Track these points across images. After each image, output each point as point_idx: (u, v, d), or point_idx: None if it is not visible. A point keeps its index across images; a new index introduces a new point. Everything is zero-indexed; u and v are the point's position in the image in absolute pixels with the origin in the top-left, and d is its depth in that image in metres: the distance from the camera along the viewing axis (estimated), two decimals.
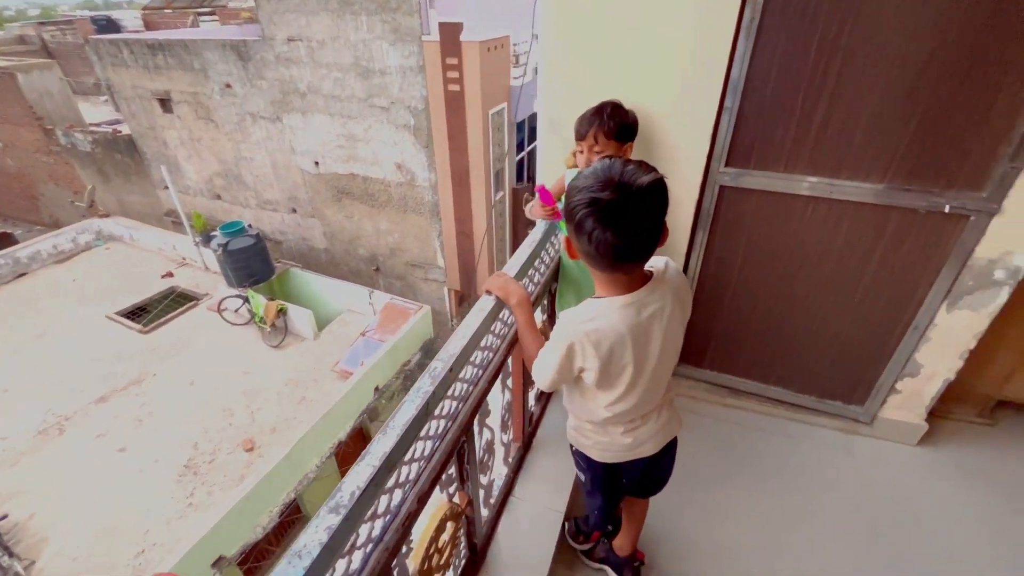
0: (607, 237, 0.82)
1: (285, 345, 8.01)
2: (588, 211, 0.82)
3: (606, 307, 0.93)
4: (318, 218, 10.29)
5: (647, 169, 0.82)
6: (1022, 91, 1.26)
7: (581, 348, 0.94)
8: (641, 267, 0.94)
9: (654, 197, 0.82)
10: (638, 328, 0.93)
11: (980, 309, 1.55)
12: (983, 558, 1.52)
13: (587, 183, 0.83)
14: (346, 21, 8.12)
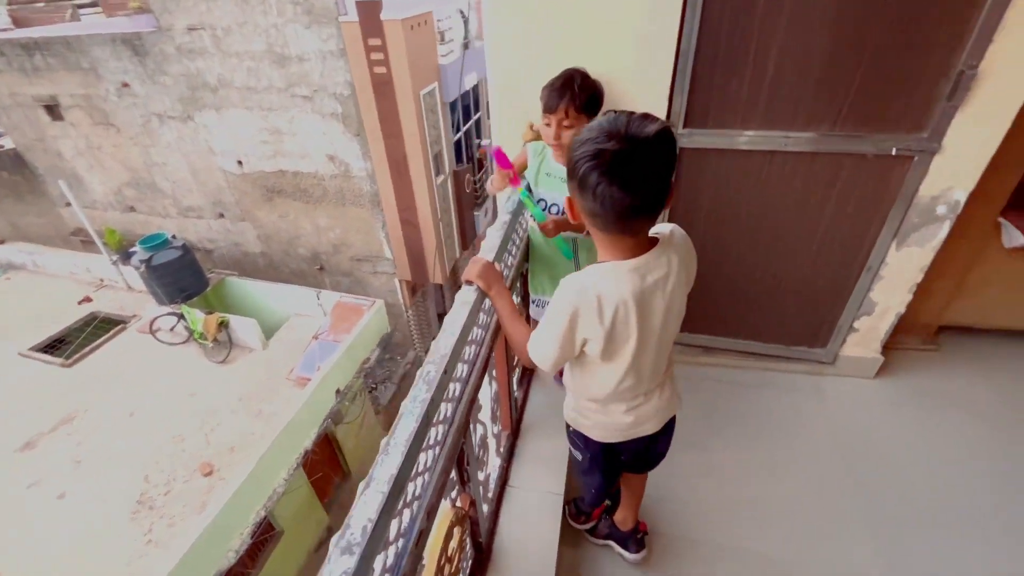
0: (613, 192, 0.76)
1: (232, 359, 7.54)
2: (593, 164, 0.76)
3: (611, 271, 0.88)
4: (249, 221, 9.64)
5: (653, 119, 0.76)
6: (957, 26, 1.31)
7: (586, 315, 0.88)
8: (647, 228, 0.88)
9: (663, 147, 0.76)
10: (643, 295, 0.88)
11: (925, 244, 1.64)
12: (940, 471, 1.66)
13: (591, 135, 0.77)
14: (252, 5, 7.48)
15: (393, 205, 9.41)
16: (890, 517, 1.54)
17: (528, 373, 1.93)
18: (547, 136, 1.40)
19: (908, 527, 1.51)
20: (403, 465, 0.70)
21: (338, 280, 10.09)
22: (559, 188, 1.50)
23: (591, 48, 1.48)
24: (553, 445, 1.68)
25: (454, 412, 0.98)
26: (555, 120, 1.36)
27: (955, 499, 1.58)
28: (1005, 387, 1.91)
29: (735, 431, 1.83)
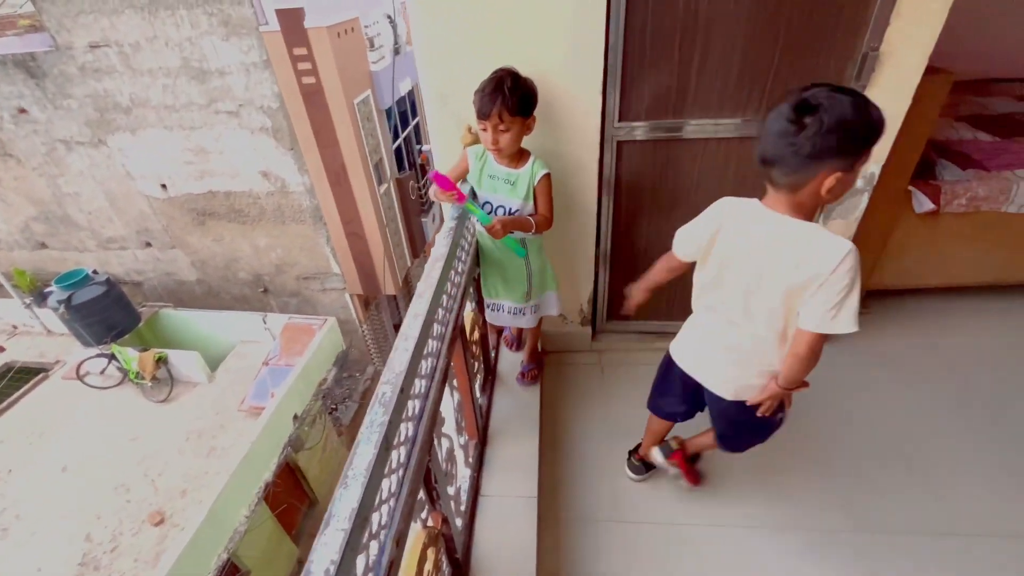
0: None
1: (175, 396, 7.06)
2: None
3: (745, 199, 1.10)
4: (181, 248, 9.05)
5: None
6: (859, 12, 1.40)
7: (717, 210, 1.14)
8: (779, 183, 0.98)
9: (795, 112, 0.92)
10: (741, 229, 1.07)
11: (848, 216, 1.75)
12: (880, 423, 1.78)
13: None
14: (161, 18, 7.02)
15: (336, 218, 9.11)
16: (842, 469, 1.63)
17: (491, 378, 1.91)
18: (485, 141, 1.38)
19: (859, 476, 1.61)
20: (364, 496, 0.66)
21: (285, 301, 9.66)
22: (503, 190, 1.48)
23: (521, 49, 1.48)
24: (522, 448, 1.67)
25: (416, 430, 0.94)
26: (490, 126, 1.34)
27: (897, 447, 1.69)
28: (929, 340, 2.08)
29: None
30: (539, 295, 1.69)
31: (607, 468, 1.72)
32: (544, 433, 1.85)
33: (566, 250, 1.89)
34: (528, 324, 1.73)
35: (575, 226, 1.84)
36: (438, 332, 1.15)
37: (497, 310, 1.71)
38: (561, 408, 1.95)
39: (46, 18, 6.96)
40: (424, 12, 1.46)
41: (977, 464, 1.63)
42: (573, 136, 1.64)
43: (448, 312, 1.25)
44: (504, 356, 2.05)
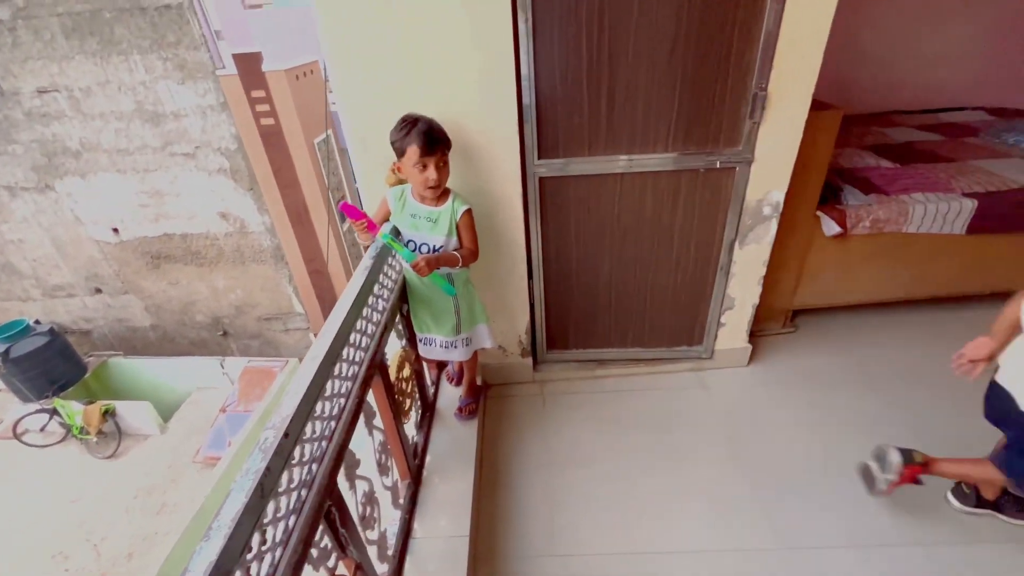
0: None
1: (123, 451, 6.67)
2: None
3: None
4: (134, 293, 8.73)
5: None
6: (747, 56, 1.53)
7: None
8: None
9: None
10: None
11: (761, 241, 1.86)
12: (808, 439, 1.83)
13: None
14: (114, 63, 6.99)
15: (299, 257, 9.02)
16: (773, 487, 1.67)
17: (429, 415, 1.89)
18: (424, 180, 1.41)
19: (789, 493, 1.65)
20: (227, 549, 0.65)
21: (246, 344, 9.35)
22: (426, 228, 1.52)
23: (436, 95, 1.55)
24: (457, 486, 1.65)
25: (312, 475, 0.93)
26: (433, 162, 1.40)
27: (826, 461, 1.74)
28: (852, 356, 2.18)
29: (632, 436, 1.91)
30: (469, 328, 1.71)
31: (545, 500, 1.71)
32: (483, 468, 1.84)
33: (499, 283, 1.93)
34: (461, 357, 1.74)
35: (506, 260, 1.88)
36: (348, 372, 1.15)
37: (429, 344, 1.72)
38: (501, 441, 1.94)
39: None
40: (340, 64, 1.52)
41: None
42: (496, 174, 1.70)
43: (363, 350, 1.25)
44: (445, 392, 2.04)
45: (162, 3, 6.64)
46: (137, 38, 6.82)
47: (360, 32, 1.47)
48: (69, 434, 6.61)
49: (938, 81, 3.19)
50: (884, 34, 3.07)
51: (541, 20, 1.50)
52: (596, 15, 1.49)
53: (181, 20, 6.79)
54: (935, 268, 2.17)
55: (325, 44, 1.49)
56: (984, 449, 1.43)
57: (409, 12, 1.45)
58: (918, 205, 2.03)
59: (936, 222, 2.05)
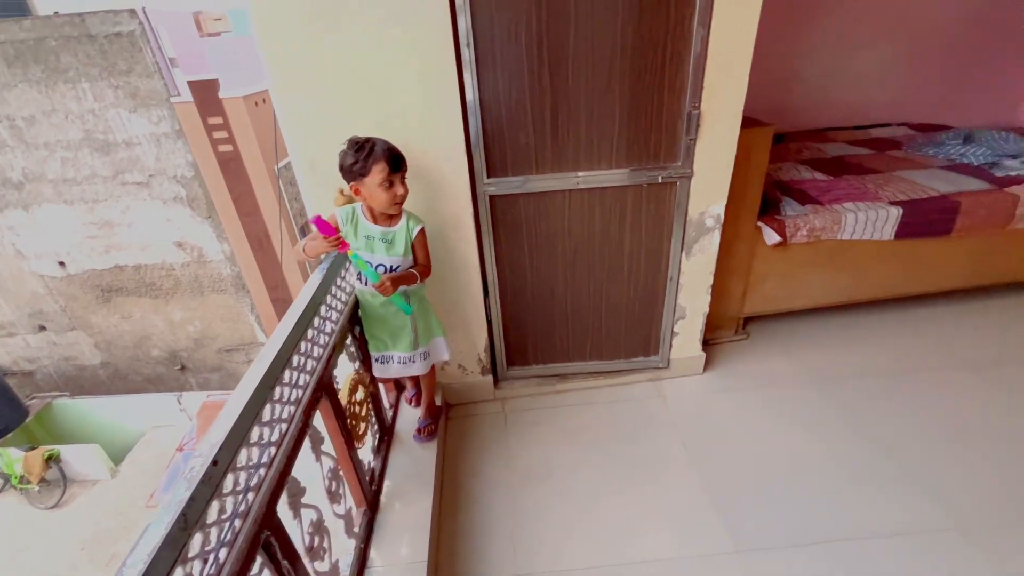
0: None
1: (69, 499, 6.24)
2: None
3: None
4: (82, 329, 8.29)
5: None
6: (678, 78, 1.61)
7: None
8: None
9: None
10: None
11: (706, 251, 1.93)
12: (765, 442, 1.88)
13: None
14: (61, 91, 6.78)
15: (261, 284, 8.78)
16: (730, 491, 1.69)
17: (387, 439, 1.85)
18: (391, 197, 1.42)
19: (745, 496, 1.68)
20: None
21: (206, 378, 8.98)
22: (380, 249, 1.52)
23: (382, 118, 1.57)
24: (416, 510, 1.61)
25: (247, 505, 0.90)
26: (399, 178, 1.43)
27: (780, 461, 1.79)
28: (801, 360, 2.27)
29: (594, 449, 1.91)
30: (427, 342, 1.70)
31: (507, 518, 1.69)
32: (444, 490, 1.81)
33: (455, 302, 1.93)
34: (420, 371, 1.73)
35: (461, 278, 1.89)
36: (291, 396, 1.12)
37: (386, 362, 1.69)
38: (462, 461, 1.91)
39: None
40: (284, 88, 1.52)
41: (853, 471, 1.74)
42: (446, 194, 1.72)
43: (308, 373, 1.23)
44: (404, 414, 2.01)
45: (112, 31, 6.52)
46: (85, 66, 6.65)
47: (303, 59, 1.49)
48: (8, 484, 6.14)
49: (865, 100, 3.43)
50: (816, 58, 3.29)
51: (483, 49, 1.56)
52: (536, 44, 1.56)
53: (133, 48, 6.67)
54: (870, 272, 2.30)
55: (268, 69, 1.49)
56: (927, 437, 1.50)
57: (353, 41, 1.47)
58: (849, 214, 2.15)
59: (867, 229, 2.18)
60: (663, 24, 1.54)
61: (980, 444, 1.80)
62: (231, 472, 0.85)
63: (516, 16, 1.52)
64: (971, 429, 1.87)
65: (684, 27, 1.54)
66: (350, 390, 1.56)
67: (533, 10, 1.51)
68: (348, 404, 1.52)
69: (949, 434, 1.85)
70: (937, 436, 1.84)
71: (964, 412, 1.94)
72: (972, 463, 1.73)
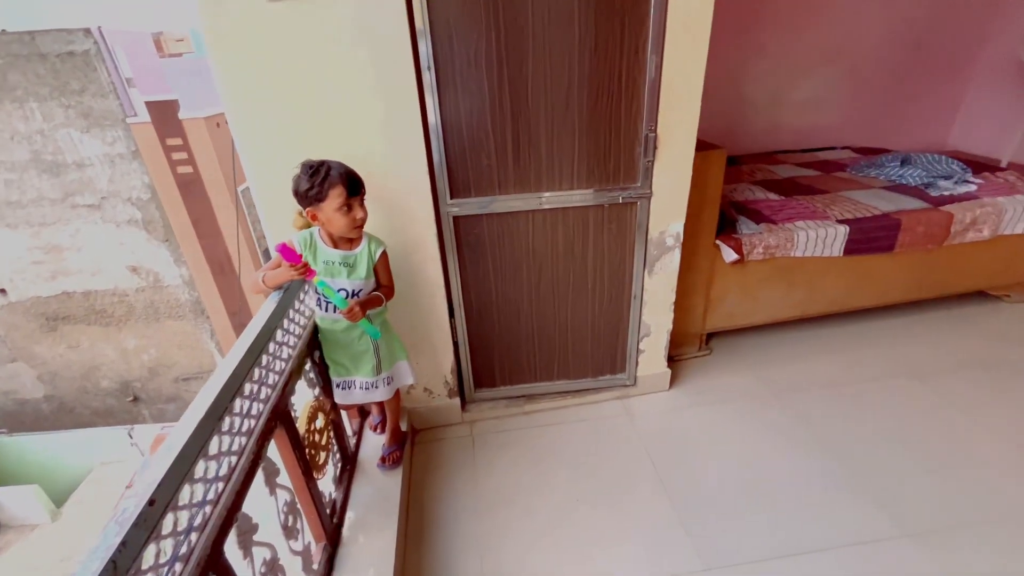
0: None
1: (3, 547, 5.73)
2: None
3: None
4: (24, 360, 7.76)
5: None
6: (634, 102, 1.67)
7: None
8: None
9: None
10: None
11: (668, 269, 1.97)
12: (730, 455, 1.91)
13: None
14: (7, 110, 6.48)
15: (221, 309, 8.47)
16: (697, 508, 1.70)
17: (349, 468, 1.79)
18: (350, 222, 1.39)
19: (711, 512, 1.69)
20: None
21: (161, 408, 8.50)
22: (341, 273, 1.48)
23: (342, 142, 1.56)
24: (379, 542, 1.54)
25: (191, 546, 0.84)
26: (358, 201, 1.40)
27: (744, 475, 1.81)
28: (760, 373, 2.33)
29: (562, 470, 1.90)
30: (389, 367, 1.66)
31: (474, 544, 1.64)
32: (410, 518, 1.75)
33: (420, 324, 1.91)
34: (383, 397, 1.68)
35: (425, 299, 1.87)
36: (242, 426, 1.07)
37: (347, 388, 1.64)
38: (429, 488, 1.86)
39: None
40: (240, 112, 1.50)
41: (811, 481, 1.78)
42: (409, 214, 1.72)
43: (261, 402, 1.17)
44: (368, 442, 1.94)
45: (65, 50, 6.31)
46: (35, 85, 6.39)
47: (259, 82, 1.47)
48: None
49: (811, 124, 3.63)
50: (764, 84, 3.48)
51: (444, 73, 1.58)
52: (496, 68, 1.59)
53: (87, 67, 6.46)
54: (823, 288, 2.40)
55: (222, 91, 1.47)
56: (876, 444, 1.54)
57: (312, 63, 1.47)
58: (801, 232, 2.25)
59: (818, 246, 2.28)
60: (618, 51, 1.60)
61: (923, 448, 1.88)
62: (171, 511, 0.79)
63: (476, 41, 1.55)
64: (915, 434, 1.95)
65: (638, 54, 1.60)
66: (308, 418, 1.50)
67: (492, 36, 1.55)
68: (307, 433, 1.46)
69: (896, 440, 1.92)
70: (884, 442, 1.91)
71: (910, 418, 2.03)
72: (917, 468, 1.80)
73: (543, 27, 1.55)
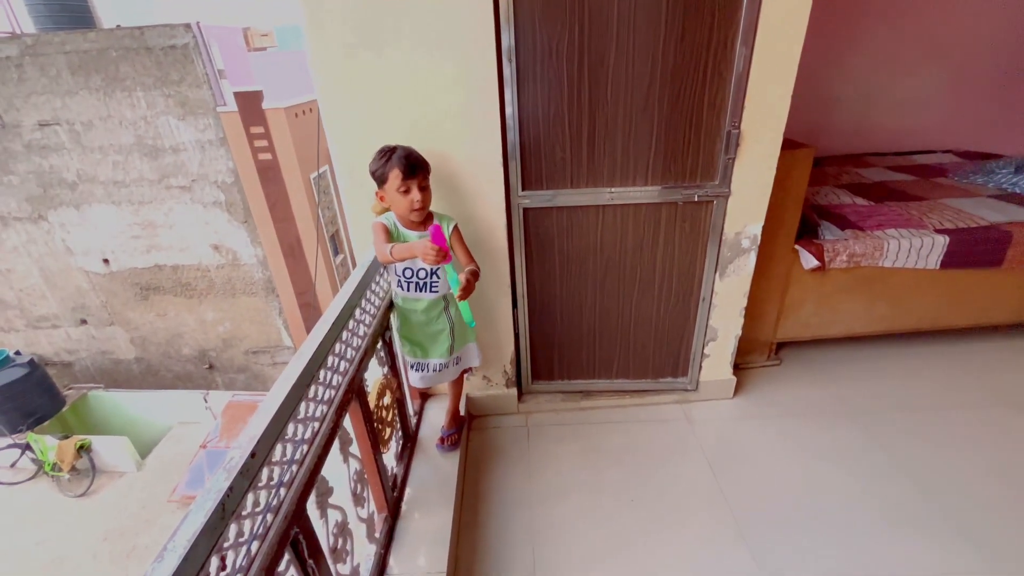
0: None
1: (96, 489, 6.41)
2: None
3: None
4: (120, 325, 8.62)
5: None
6: (718, 97, 1.61)
7: None
8: None
9: None
10: None
11: (741, 272, 1.89)
12: (794, 474, 1.81)
13: None
14: (117, 99, 7.17)
15: (290, 290, 8.99)
16: (757, 521, 1.63)
17: (410, 446, 1.86)
18: (408, 203, 1.44)
19: (773, 527, 1.61)
20: (181, 571, 0.62)
21: (232, 377, 9.18)
22: None
23: (424, 128, 1.61)
24: (436, 520, 1.60)
25: (280, 499, 0.91)
26: (415, 183, 1.44)
27: (810, 494, 1.71)
28: (834, 389, 2.18)
29: (617, 470, 1.87)
30: (461, 347, 1.72)
31: (527, 534, 1.66)
32: (464, 501, 1.79)
33: (484, 313, 1.94)
34: (452, 376, 1.75)
35: (491, 288, 1.90)
36: (324, 395, 1.14)
37: (422, 370, 1.70)
38: (484, 474, 1.90)
39: None
40: (330, 98, 1.58)
41: (888, 509, 1.66)
42: (482, 203, 1.75)
43: (341, 374, 1.24)
44: (428, 422, 2.01)
45: (168, 44, 6.89)
46: (141, 76, 7.03)
47: (350, 73, 1.54)
48: (40, 470, 6.36)
49: (908, 125, 3.34)
50: (857, 81, 3.24)
51: (524, 64, 1.59)
52: (576, 60, 1.58)
53: (186, 60, 7.03)
54: (912, 302, 2.22)
55: (316, 81, 1.55)
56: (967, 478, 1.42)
57: (400, 56, 1.52)
58: (892, 240, 2.09)
59: (911, 257, 2.10)
60: (705, 42, 1.55)
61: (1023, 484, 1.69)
62: (267, 466, 0.86)
63: (559, 32, 1.55)
64: (1015, 469, 1.76)
65: (727, 46, 1.54)
66: (378, 394, 1.57)
67: (575, 26, 1.54)
68: (376, 408, 1.53)
69: (991, 475, 1.74)
70: (978, 477, 1.74)
71: (1008, 452, 1.83)
72: (1015, 503, 1.63)
73: (628, 18, 1.52)
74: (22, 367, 6.48)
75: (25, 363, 6.56)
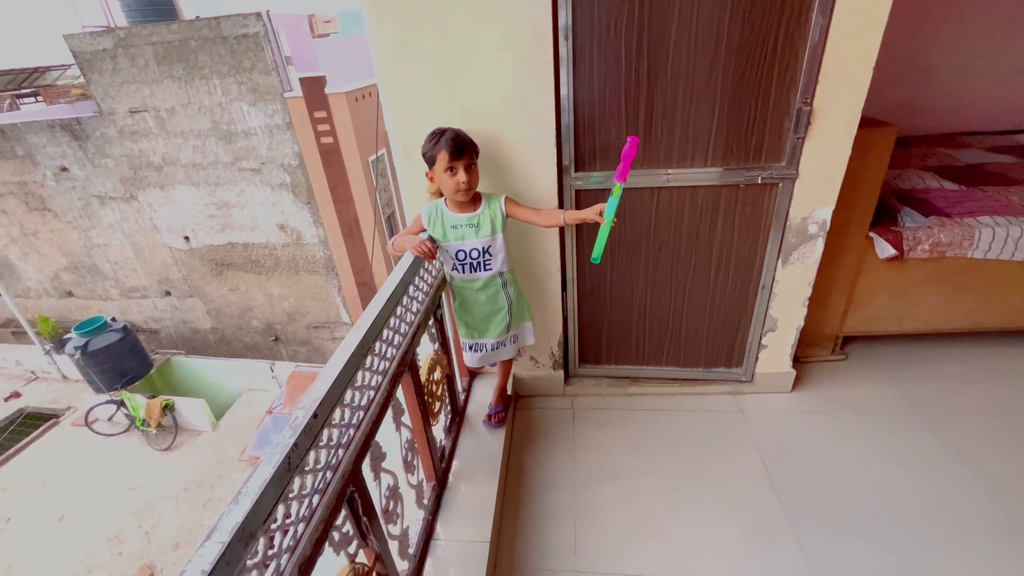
0: None
1: (178, 445, 7.08)
2: None
3: None
4: (198, 297, 9.37)
5: None
6: (788, 71, 1.51)
7: None
8: None
9: None
10: None
11: (806, 260, 1.79)
12: (854, 474, 1.71)
13: None
14: (196, 87, 7.68)
15: (348, 269, 9.39)
16: (811, 519, 1.56)
17: (458, 420, 1.92)
18: (455, 184, 1.48)
19: (828, 526, 1.54)
20: (251, 514, 0.69)
21: (295, 350, 9.79)
22: (469, 235, 1.57)
23: (479, 109, 1.62)
24: (481, 492, 1.65)
25: (338, 458, 0.97)
26: (462, 165, 1.47)
27: (870, 496, 1.62)
28: (907, 389, 2.03)
29: (664, 457, 1.85)
30: (518, 325, 1.75)
31: (570, 515, 1.68)
32: (509, 477, 1.84)
33: (533, 294, 1.95)
34: (509, 355, 1.79)
35: (540, 271, 1.91)
36: (379, 366, 1.20)
37: (479, 350, 1.75)
38: (528, 453, 1.93)
39: (93, 88, 7.67)
40: (389, 80, 1.62)
41: (960, 520, 1.54)
42: (534, 183, 1.74)
43: (395, 347, 1.30)
44: (475, 398, 2.06)
45: (241, 32, 7.26)
46: (217, 64, 7.48)
47: (409, 51, 1.57)
48: (132, 425, 7.09)
49: (1011, 101, 2.98)
50: (951, 52, 2.92)
51: (581, 43, 1.55)
52: (635, 36, 1.52)
53: (256, 48, 7.39)
54: (1004, 298, 2.01)
55: (376, 63, 1.59)
56: None
57: (456, 37, 1.53)
58: (986, 229, 1.89)
59: (1006, 248, 1.90)
60: (777, 14, 1.45)
61: None
62: (327, 427, 0.93)
63: (617, 8, 1.50)
64: None
65: (801, 16, 1.44)
66: (429, 369, 1.63)
67: (636, 2, 1.48)
68: (426, 382, 1.60)
69: None
70: None
71: None
72: None
73: None
74: (117, 332, 7.22)
75: (120, 329, 7.30)
